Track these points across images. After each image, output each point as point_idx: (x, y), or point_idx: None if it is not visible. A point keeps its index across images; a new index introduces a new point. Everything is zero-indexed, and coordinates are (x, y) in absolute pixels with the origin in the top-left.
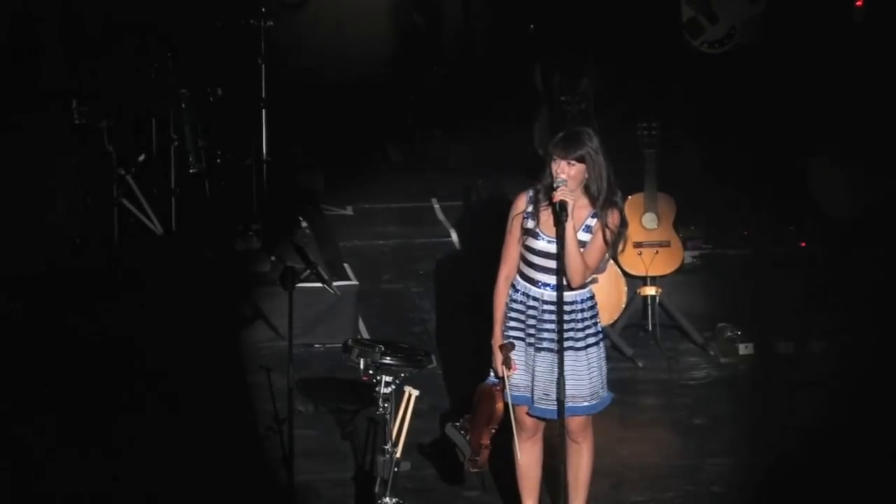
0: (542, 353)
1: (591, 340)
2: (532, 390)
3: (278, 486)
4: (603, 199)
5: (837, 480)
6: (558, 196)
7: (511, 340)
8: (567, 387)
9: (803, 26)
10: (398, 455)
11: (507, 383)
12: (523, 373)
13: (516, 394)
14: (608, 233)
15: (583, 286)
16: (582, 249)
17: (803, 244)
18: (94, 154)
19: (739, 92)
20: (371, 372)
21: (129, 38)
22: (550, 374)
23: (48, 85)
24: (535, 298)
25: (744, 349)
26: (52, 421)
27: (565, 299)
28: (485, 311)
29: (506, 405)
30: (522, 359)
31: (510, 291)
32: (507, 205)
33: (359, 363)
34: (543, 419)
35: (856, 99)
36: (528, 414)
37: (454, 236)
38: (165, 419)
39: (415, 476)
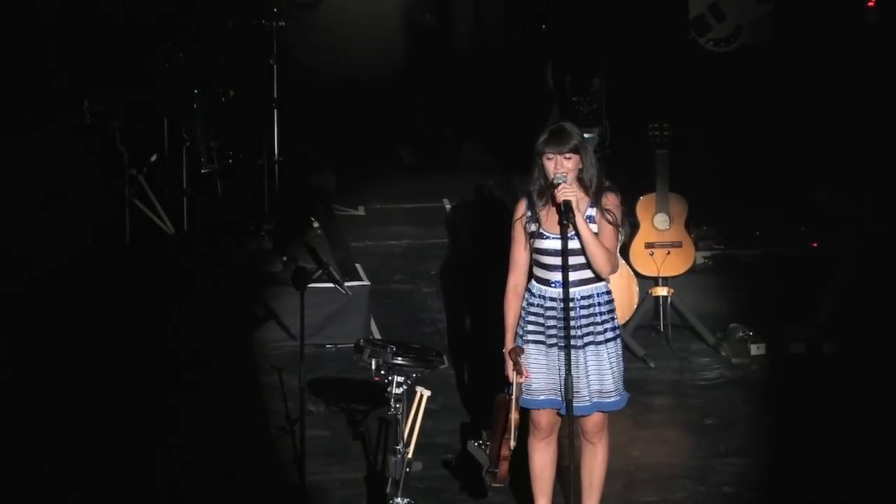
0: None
1: (610, 335)
2: (559, 391)
3: (290, 487)
4: (595, 185)
5: (848, 481)
6: (561, 196)
7: (519, 345)
8: (592, 382)
9: (814, 26)
10: (410, 455)
11: (514, 389)
12: (546, 376)
13: (543, 398)
14: (610, 215)
15: (599, 280)
16: None
17: (815, 245)
18: (106, 154)
19: (751, 92)
20: (383, 372)
21: (141, 38)
22: (576, 371)
23: (60, 85)
24: (552, 299)
25: (755, 350)
26: (59, 421)
27: (583, 293)
28: (496, 311)
29: (520, 411)
30: (544, 361)
31: (526, 296)
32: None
33: (370, 363)
34: (563, 416)
35: (867, 99)
36: (557, 413)
37: (466, 237)
38: (178, 419)
39: (426, 476)
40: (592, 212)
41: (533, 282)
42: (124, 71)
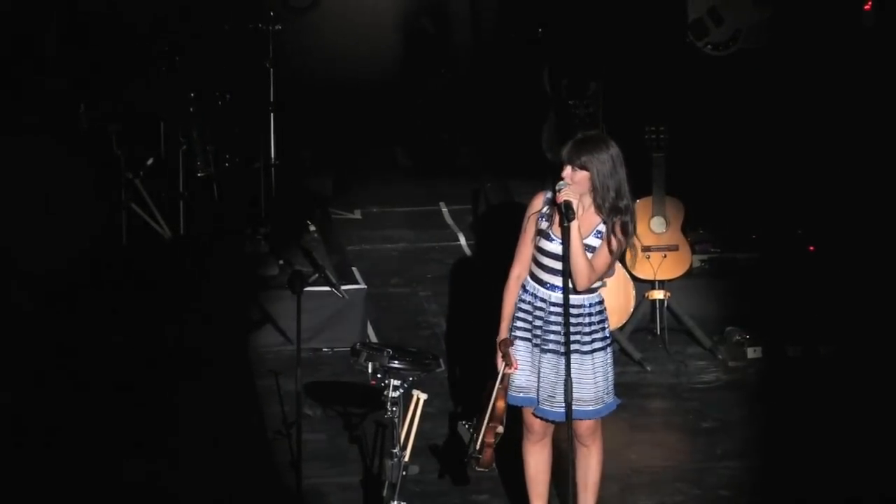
0: (548, 355)
1: (598, 345)
2: (538, 391)
3: (286, 490)
4: (608, 208)
5: (845, 484)
6: (562, 196)
7: (510, 337)
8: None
9: (811, 30)
10: (406, 459)
11: (499, 379)
12: (529, 374)
13: (521, 395)
14: (614, 241)
15: (591, 290)
16: (590, 255)
17: (812, 248)
18: (103, 158)
19: (749, 96)
20: (379, 376)
21: (137, 41)
22: (555, 376)
23: (56, 88)
24: (542, 300)
25: (752, 353)
26: (58, 424)
27: (573, 302)
28: (493, 314)
29: (506, 401)
30: (528, 360)
31: (520, 291)
32: (516, 207)
33: (367, 367)
34: (547, 420)
35: (863, 103)
36: (533, 415)
37: (462, 240)
38: (174, 424)
39: (423, 480)
40: (603, 228)
41: (528, 277)
42: (121, 75)
